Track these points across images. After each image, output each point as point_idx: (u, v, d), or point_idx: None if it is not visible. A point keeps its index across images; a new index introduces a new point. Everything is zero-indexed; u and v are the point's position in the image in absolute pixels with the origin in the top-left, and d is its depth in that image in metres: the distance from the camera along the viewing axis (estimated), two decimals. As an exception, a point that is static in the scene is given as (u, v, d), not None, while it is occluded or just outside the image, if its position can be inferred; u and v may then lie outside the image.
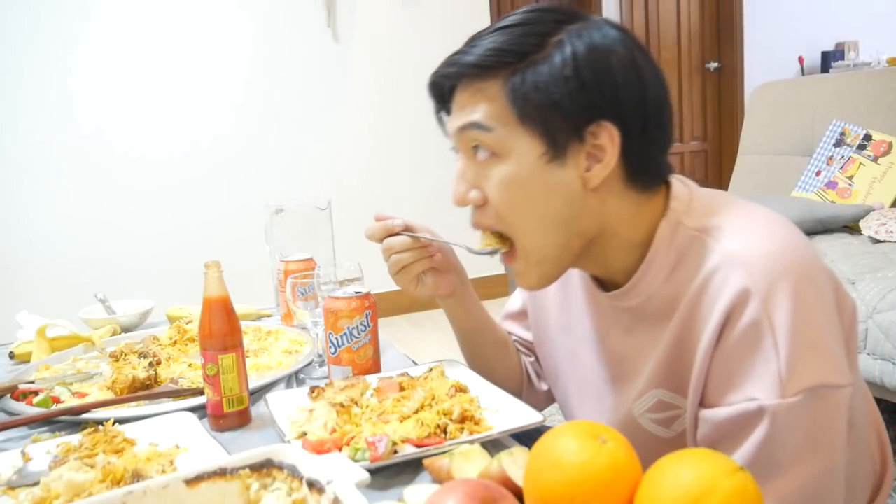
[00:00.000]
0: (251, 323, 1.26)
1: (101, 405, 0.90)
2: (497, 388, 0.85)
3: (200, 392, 0.91)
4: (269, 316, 1.37)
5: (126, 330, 1.34)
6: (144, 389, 0.97)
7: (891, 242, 2.11)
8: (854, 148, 2.48)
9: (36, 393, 0.97)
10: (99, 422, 0.85)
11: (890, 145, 2.42)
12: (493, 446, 0.72)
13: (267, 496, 0.54)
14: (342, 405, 0.78)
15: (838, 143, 2.53)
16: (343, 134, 3.36)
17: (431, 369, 0.91)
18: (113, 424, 0.83)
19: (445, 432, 0.74)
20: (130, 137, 3.00)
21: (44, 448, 0.78)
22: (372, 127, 3.36)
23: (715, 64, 5.11)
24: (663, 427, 0.77)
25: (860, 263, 1.91)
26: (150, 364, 1.02)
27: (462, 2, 3.50)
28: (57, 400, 0.95)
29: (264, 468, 0.55)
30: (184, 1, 3.03)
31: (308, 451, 0.67)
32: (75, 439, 0.79)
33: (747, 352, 0.65)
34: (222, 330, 0.84)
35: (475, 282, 0.97)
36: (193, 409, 0.87)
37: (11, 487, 0.71)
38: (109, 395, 0.95)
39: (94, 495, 0.60)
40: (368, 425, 0.75)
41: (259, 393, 0.94)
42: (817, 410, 0.63)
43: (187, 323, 1.21)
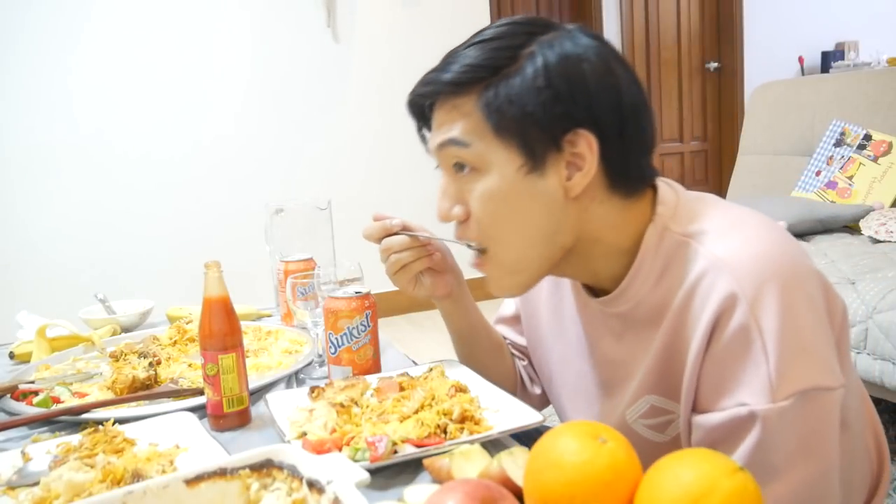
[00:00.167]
0: (251, 323, 1.26)
1: (101, 405, 0.90)
2: (497, 388, 0.85)
3: (200, 392, 0.91)
4: (269, 316, 1.37)
5: (126, 330, 1.34)
6: (144, 389, 0.97)
7: (891, 242, 2.11)
8: (854, 148, 2.48)
9: (36, 393, 0.97)
10: (99, 422, 0.85)
11: (890, 145, 2.42)
12: (493, 446, 0.72)
13: (267, 496, 0.54)
14: (342, 405, 0.78)
15: (838, 143, 2.53)
16: (343, 134, 3.36)
17: (431, 369, 0.91)
18: (113, 424, 0.83)
19: (445, 432, 0.73)
20: (130, 137, 3.00)
21: (44, 448, 0.78)
22: (372, 127, 3.36)
23: (715, 64, 5.11)
24: (657, 432, 0.77)
25: (860, 263, 1.91)
26: (150, 364, 1.02)
27: (462, 2, 3.50)
28: (57, 400, 0.95)
29: (264, 468, 0.55)
30: (184, 1, 3.03)
31: (308, 451, 0.67)
32: (75, 439, 0.79)
33: (737, 357, 0.65)
34: (222, 330, 0.84)
35: (471, 283, 0.97)
36: (193, 409, 0.87)
37: (11, 487, 0.70)
38: (109, 395, 0.95)
39: (94, 495, 0.60)
40: (368, 425, 0.74)
41: (259, 393, 0.94)
42: (809, 413, 0.63)
43: (187, 323, 1.21)
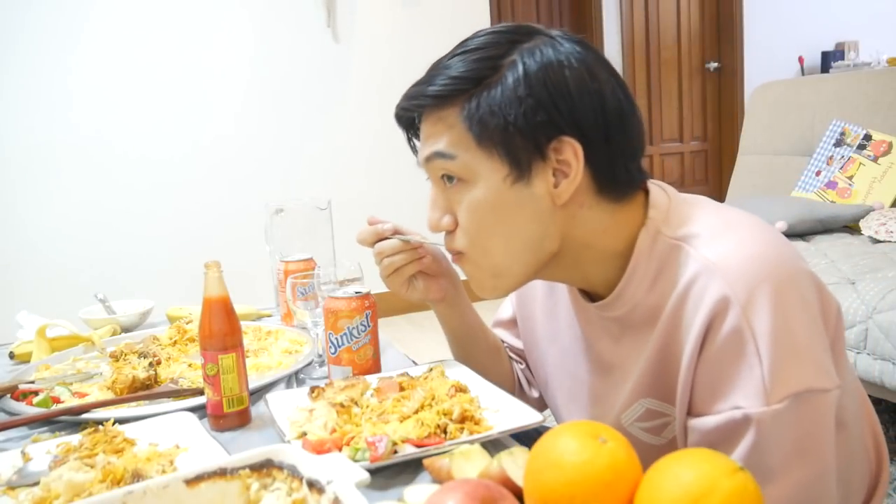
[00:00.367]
0: (251, 323, 1.26)
1: (101, 405, 0.90)
2: (497, 389, 0.85)
3: (200, 392, 0.91)
4: (269, 316, 1.37)
5: (126, 330, 1.34)
6: (144, 389, 0.97)
7: (891, 242, 2.11)
8: (854, 148, 2.48)
9: (36, 393, 0.97)
10: (99, 422, 0.85)
11: (890, 145, 2.42)
12: (493, 446, 0.72)
13: (267, 496, 0.54)
14: (342, 405, 0.78)
15: (838, 143, 2.53)
16: (343, 134, 3.36)
17: (431, 369, 0.91)
18: (113, 424, 0.83)
19: (445, 432, 0.73)
20: (130, 137, 3.00)
21: (44, 448, 0.78)
22: (372, 127, 3.35)
23: (715, 64, 5.11)
24: (654, 435, 0.77)
25: (860, 263, 1.91)
26: (150, 364, 1.02)
27: (462, 2, 3.50)
28: (57, 400, 0.95)
29: (264, 468, 0.55)
30: (184, 1, 3.03)
31: (308, 451, 0.67)
32: (75, 439, 0.79)
33: (730, 360, 0.65)
34: (222, 330, 0.84)
35: (468, 286, 0.97)
36: (193, 409, 0.87)
37: (11, 487, 0.70)
38: (109, 395, 0.95)
39: (94, 495, 0.60)
40: (368, 425, 0.74)
41: (259, 393, 0.94)
42: (803, 416, 0.63)
43: (187, 323, 1.21)
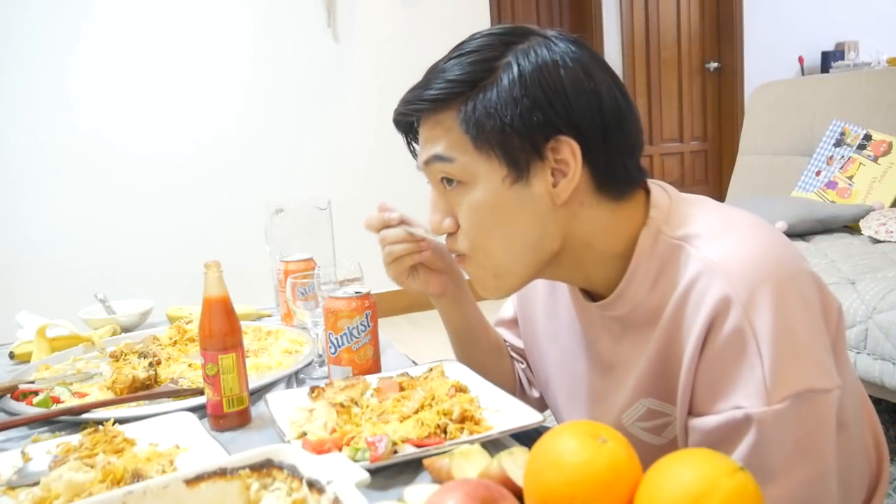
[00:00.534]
0: (251, 323, 1.26)
1: (101, 405, 0.90)
2: (497, 388, 0.85)
3: (200, 392, 0.91)
4: (269, 316, 1.37)
5: (126, 330, 1.34)
6: (144, 389, 0.97)
7: (891, 242, 2.11)
8: (854, 148, 2.48)
9: (36, 393, 0.97)
10: (99, 422, 0.85)
11: (890, 145, 2.42)
12: (493, 446, 0.72)
13: (267, 496, 0.54)
14: (342, 405, 0.78)
15: (838, 143, 2.53)
16: (343, 134, 3.36)
17: (431, 369, 0.91)
18: (113, 424, 0.83)
19: (445, 432, 0.73)
20: (130, 137, 3.00)
21: (44, 448, 0.78)
22: (372, 127, 3.35)
23: (715, 64, 5.11)
24: (654, 435, 0.77)
25: (860, 263, 1.91)
26: (150, 364, 1.02)
27: (462, 2, 3.49)
28: (57, 400, 0.95)
29: (264, 468, 0.55)
30: (184, 1, 3.03)
31: (308, 451, 0.67)
32: (75, 439, 0.79)
33: (732, 360, 0.65)
34: (222, 330, 0.84)
35: (472, 285, 0.97)
36: (193, 409, 0.87)
37: (11, 487, 0.70)
38: (109, 395, 0.95)
39: (94, 495, 0.60)
40: (368, 425, 0.74)
41: (259, 393, 0.94)
42: (804, 416, 0.63)
43: (187, 323, 1.21)
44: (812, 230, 2.29)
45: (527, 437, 0.73)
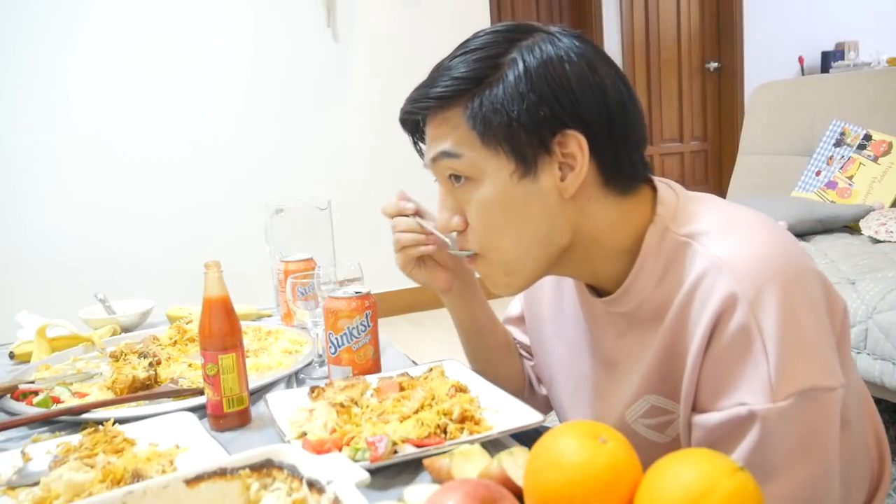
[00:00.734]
0: (251, 323, 1.26)
1: (101, 405, 0.90)
2: (497, 388, 0.85)
3: (200, 392, 0.91)
4: (269, 316, 1.37)
5: (126, 330, 1.34)
6: (144, 389, 0.97)
7: (891, 242, 2.11)
8: (854, 148, 2.48)
9: (36, 393, 0.97)
10: (99, 422, 0.85)
11: (890, 145, 2.42)
12: (493, 446, 0.72)
13: (267, 496, 0.54)
14: (342, 405, 0.78)
15: (838, 143, 2.53)
16: (343, 134, 3.36)
17: (431, 369, 0.91)
18: (113, 424, 0.83)
19: (445, 432, 0.74)
20: (130, 137, 3.00)
21: (44, 448, 0.78)
22: (372, 127, 3.35)
23: (715, 64, 5.11)
24: (657, 432, 0.77)
25: (860, 263, 1.91)
26: (150, 364, 1.02)
27: (462, 2, 3.49)
28: (57, 400, 0.95)
29: (264, 468, 0.55)
30: (183, 1, 3.03)
31: (308, 451, 0.67)
32: (75, 439, 0.79)
33: (737, 357, 0.65)
34: (222, 330, 0.84)
35: (482, 281, 0.97)
36: (193, 409, 0.87)
37: (11, 487, 0.71)
38: (109, 395, 0.95)
39: (94, 495, 0.60)
40: (368, 425, 0.75)
41: (259, 393, 0.94)
42: (808, 414, 0.63)
43: (187, 323, 1.21)
44: (812, 230, 2.29)
45: (527, 437, 0.73)
